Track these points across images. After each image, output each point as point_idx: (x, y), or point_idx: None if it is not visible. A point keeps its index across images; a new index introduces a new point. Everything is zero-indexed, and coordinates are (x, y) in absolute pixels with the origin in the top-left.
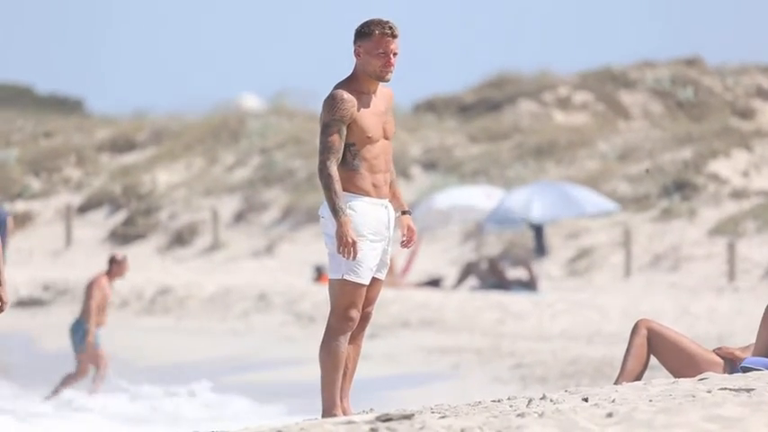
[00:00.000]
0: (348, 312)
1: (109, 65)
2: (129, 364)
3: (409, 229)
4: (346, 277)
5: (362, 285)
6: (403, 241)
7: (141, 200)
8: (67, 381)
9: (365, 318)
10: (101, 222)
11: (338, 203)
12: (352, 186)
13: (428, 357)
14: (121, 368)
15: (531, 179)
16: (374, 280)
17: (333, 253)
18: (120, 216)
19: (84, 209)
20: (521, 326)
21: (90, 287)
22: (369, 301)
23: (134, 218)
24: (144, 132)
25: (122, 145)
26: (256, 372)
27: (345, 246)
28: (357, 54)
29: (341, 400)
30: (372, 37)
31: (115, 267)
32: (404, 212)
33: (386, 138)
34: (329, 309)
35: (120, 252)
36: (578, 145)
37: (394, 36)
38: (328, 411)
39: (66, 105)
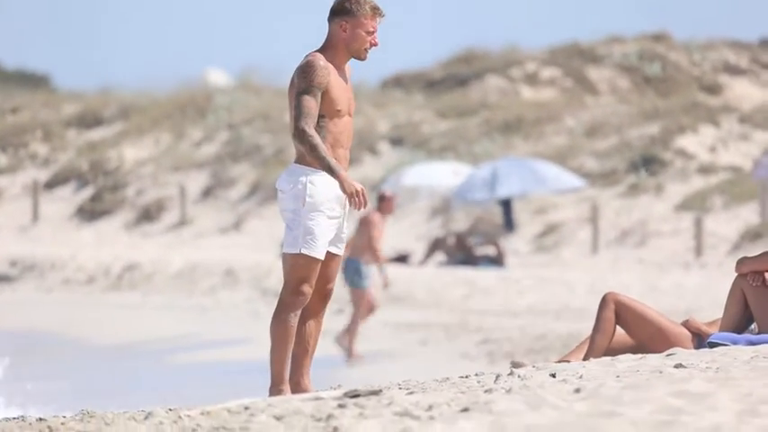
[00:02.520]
0: (301, 287)
1: (75, 40)
2: (90, 341)
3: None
4: (303, 251)
5: (317, 260)
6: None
7: (108, 176)
8: (353, 323)
9: (326, 295)
10: (68, 198)
11: (332, 162)
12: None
13: (396, 333)
14: (82, 345)
15: (499, 155)
16: (332, 255)
17: (289, 227)
18: (88, 192)
19: (51, 185)
20: (488, 301)
21: (365, 224)
22: (328, 278)
23: (101, 194)
24: (111, 108)
25: (89, 120)
26: (210, 350)
27: (356, 195)
28: (342, 29)
29: (301, 377)
30: (363, 14)
31: (384, 204)
32: None
33: (349, 114)
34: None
35: (389, 190)
36: (546, 121)
37: (382, 16)
38: (276, 386)
39: (32, 81)
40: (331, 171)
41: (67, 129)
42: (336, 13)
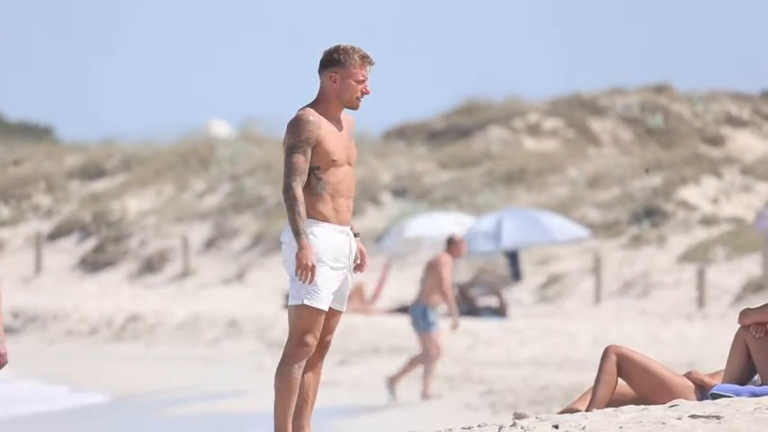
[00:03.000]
0: (305, 338)
1: (78, 92)
2: (89, 393)
3: (360, 252)
4: (306, 302)
5: (321, 311)
6: (357, 264)
7: (111, 227)
8: (413, 362)
9: (324, 346)
10: (71, 249)
11: (301, 226)
12: (313, 212)
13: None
14: (80, 397)
15: (501, 206)
16: (333, 311)
17: (293, 279)
18: (91, 243)
19: (53, 236)
20: (491, 352)
21: (434, 267)
22: (328, 330)
23: (104, 245)
24: (114, 159)
25: (92, 172)
26: (211, 401)
27: (304, 269)
28: (333, 80)
29: (302, 429)
30: (352, 64)
31: (454, 247)
32: (354, 235)
33: (349, 164)
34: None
35: (459, 234)
36: (548, 171)
37: (371, 64)
38: None
39: (35, 132)
40: (297, 235)
41: (70, 180)
42: (325, 65)
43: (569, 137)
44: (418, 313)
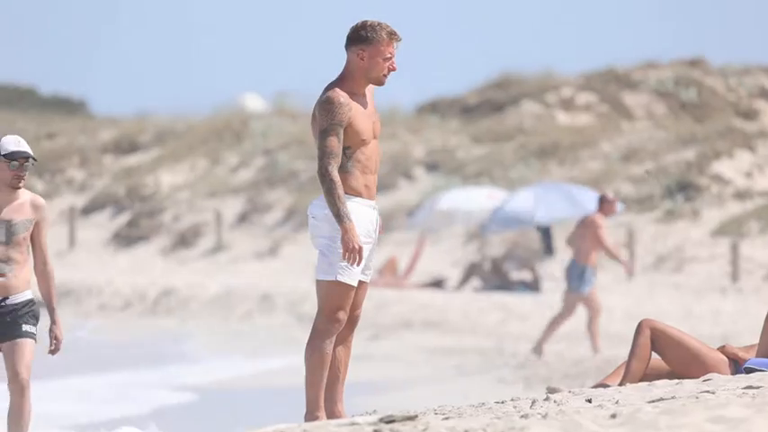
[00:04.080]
0: (336, 314)
1: (112, 66)
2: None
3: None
4: (338, 278)
5: (352, 287)
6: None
7: (145, 201)
8: (555, 322)
9: (354, 321)
10: (104, 224)
11: (342, 209)
12: (345, 187)
13: (431, 358)
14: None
15: (535, 180)
16: (360, 283)
17: (323, 253)
18: (124, 217)
19: (87, 210)
20: (524, 327)
21: (588, 227)
22: (356, 304)
23: (138, 219)
24: (147, 133)
25: (126, 146)
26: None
27: (352, 252)
28: (360, 57)
29: (335, 404)
30: (379, 41)
31: (606, 206)
32: None
33: (375, 138)
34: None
35: (610, 193)
36: (581, 146)
37: (399, 40)
38: (311, 412)
39: (69, 106)
40: (340, 219)
41: (104, 154)
42: (353, 41)
43: (603, 111)
44: (576, 273)
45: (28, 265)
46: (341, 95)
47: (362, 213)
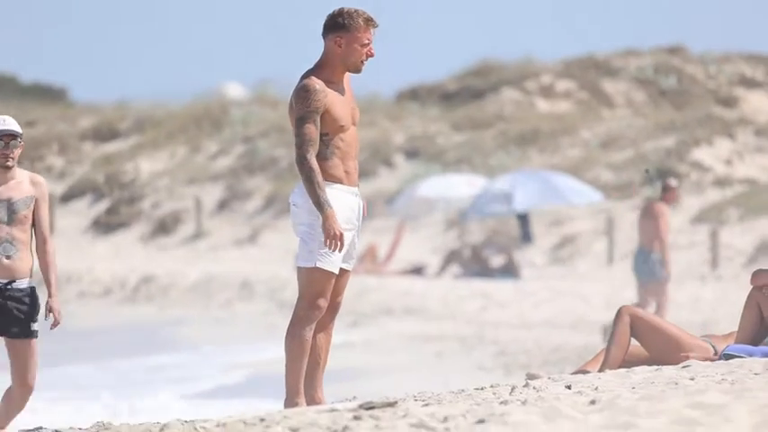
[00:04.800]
0: (317, 300)
1: (92, 53)
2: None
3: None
4: (318, 265)
5: (333, 274)
6: None
7: (124, 188)
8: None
9: (335, 307)
10: (84, 211)
11: (322, 196)
12: (325, 175)
13: (411, 345)
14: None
15: (514, 167)
16: (342, 271)
17: (304, 241)
18: (103, 205)
19: (66, 198)
20: (504, 314)
21: (653, 215)
22: (338, 292)
23: (117, 206)
24: (127, 121)
25: (105, 133)
26: (218, 364)
27: (333, 239)
28: (337, 44)
29: (315, 390)
30: (356, 28)
31: (669, 194)
32: None
33: (354, 124)
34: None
35: (674, 179)
36: (561, 133)
37: (376, 26)
38: (291, 398)
39: (49, 94)
40: (320, 206)
41: (83, 142)
42: (330, 28)
43: (582, 98)
44: (641, 260)
45: (30, 246)
46: (316, 83)
47: (344, 200)
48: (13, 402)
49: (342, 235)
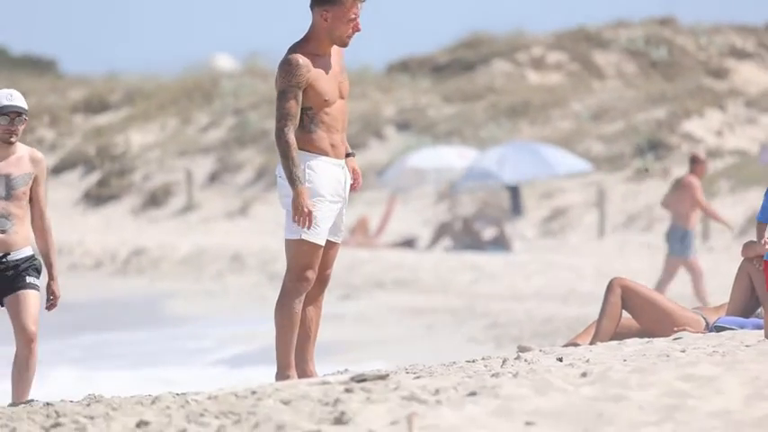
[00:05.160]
0: (304, 273)
1: (82, 25)
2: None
3: (354, 171)
4: (304, 237)
5: (319, 246)
6: (351, 184)
7: (115, 160)
8: (658, 289)
9: (324, 280)
10: (75, 183)
11: (295, 172)
12: (310, 146)
13: (402, 318)
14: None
15: (505, 139)
16: (331, 243)
17: (289, 213)
18: (94, 177)
19: (57, 170)
20: (495, 286)
21: (684, 188)
22: (326, 264)
23: (108, 179)
24: (117, 93)
25: (96, 105)
26: (209, 336)
27: (301, 215)
28: (324, 18)
29: (306, 363)
30: (343, 2)
31: (698, 166)
32: (347, 155)
33: (341, 97)
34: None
35: (701, 152)
36: (552, 105)
37: (363, 0)
38: (283, 371)
39: (39, 66)
40: (292, 181)
41: (74, 114)
42: (317, 2)
43: (573, 70)
44: (677, 237)
45: (27, 220)
46: (299, 58)
47: (330, 172)
48: (21, 362)
49: (311, 212)
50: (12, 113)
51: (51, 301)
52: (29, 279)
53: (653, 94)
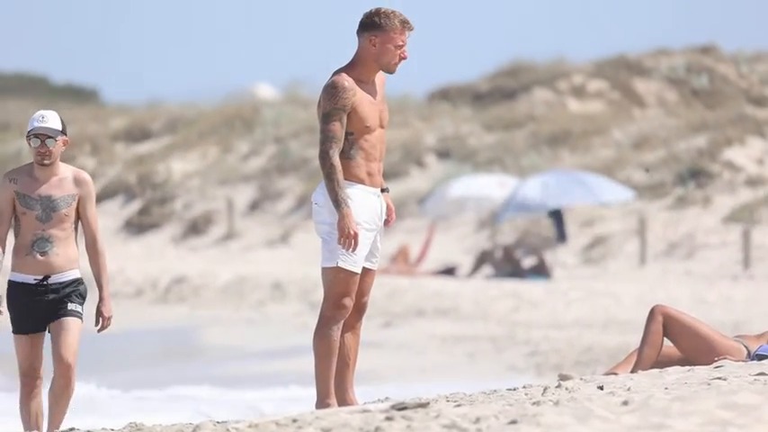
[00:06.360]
0: (342, 300)
1: (124, 54)
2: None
3: (388, 207)
4: (341, 264)
5: (356, 273)
6: (385, 220)
7: (156, 189)
8: None
9: (361, 308)
10: (116, 212)
11: (341, 194)
12: (347, 174)
13: (443, 346)
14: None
15: (546, 167)
16: (366, 270)
17: (326, 240)
18: (135, 205)
19: (98, 198)
20: (536, 314)
21: None
22: (363, 292)
23: (149, 207)
24: (159, 121)
25: (137, 134)
26: (251, 363)
27: (347, 237)
28: (372, 44)
29: (346, 391)
30: (392, 29)
31: None
32: (382, 190)
33: (381, 126)
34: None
35: None
36: (593, 133)
37: (411, 29)
38: (323, 400)
39: (80, 95)
40: (337, 204)
41: (115, 142)
42: (365, 27)
43: (614, 98)
44: None
45: (72, 242)
46: (345, 80)
47: (365, 200)
48: (57, 391)
49: (356, 234)
50: (41, 135)
51: (101, 322)
52: (71, 306)
53: (694, 123)
